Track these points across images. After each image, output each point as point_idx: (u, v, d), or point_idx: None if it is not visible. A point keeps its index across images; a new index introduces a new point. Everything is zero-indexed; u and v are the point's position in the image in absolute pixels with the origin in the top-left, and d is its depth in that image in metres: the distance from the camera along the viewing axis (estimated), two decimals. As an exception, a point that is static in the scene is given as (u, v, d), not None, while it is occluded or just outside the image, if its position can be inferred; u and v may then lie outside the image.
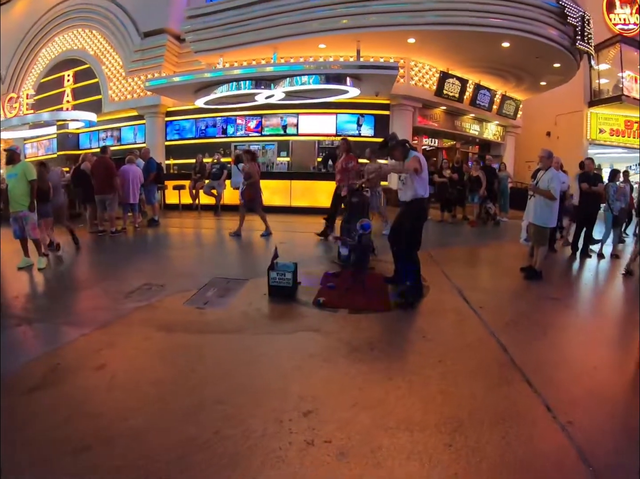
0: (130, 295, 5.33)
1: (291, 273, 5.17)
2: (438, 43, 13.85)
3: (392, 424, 2.71)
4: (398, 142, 5.35)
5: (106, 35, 18.98)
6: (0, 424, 2.66)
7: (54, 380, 3.28)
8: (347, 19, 13.20)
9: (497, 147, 20.77)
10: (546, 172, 6.48)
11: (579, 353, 4.11)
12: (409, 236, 5.25)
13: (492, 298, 5.56)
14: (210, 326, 4.38)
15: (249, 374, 3.38)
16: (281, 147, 16.61)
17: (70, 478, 2.25)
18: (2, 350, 3.77)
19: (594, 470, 2.34)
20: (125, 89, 18.46)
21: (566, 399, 3.09)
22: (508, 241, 9.82)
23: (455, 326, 4.53)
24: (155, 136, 17.82)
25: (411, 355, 3.92)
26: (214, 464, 2.35)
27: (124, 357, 3.77)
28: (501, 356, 3.79)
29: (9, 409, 2.84)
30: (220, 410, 2.85)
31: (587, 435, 2.65)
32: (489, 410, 2.91)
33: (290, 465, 2.34)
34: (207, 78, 14.61)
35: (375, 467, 2.33)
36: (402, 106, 15.90)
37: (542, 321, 4.82)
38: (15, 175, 6.70)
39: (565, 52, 14.24)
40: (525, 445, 2.57)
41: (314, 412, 2.83)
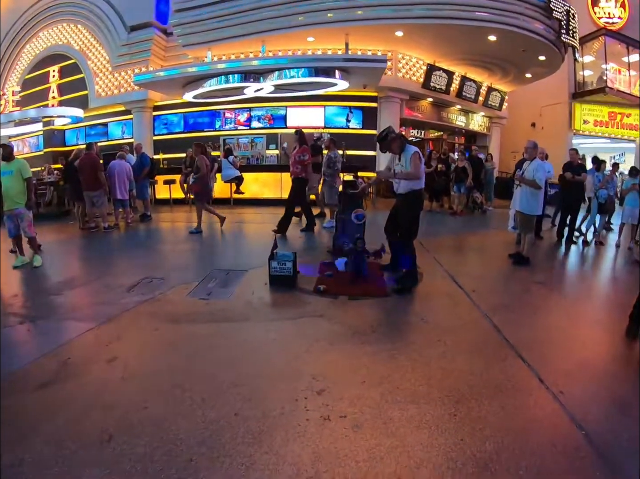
0: (132, 289, 5.41)
1: (291, 262, 5.35)
2: (425, 36, 14.01)
3: (399, 398, 2.92)
4: (396, 135, 5.55)
5: (92, 29, 18.81)
6: (13, 421, 2.72)
7: (67, 374, 3.33)
8: (335, 13, 13.27)
9: (483, 137, 21.05)
10: (531, 162, 6.72)
11: (567, 331, 4.35)
12: (406, 226, 5.46)
13: (483, 283, 5.81)
14: (217, 315, 4.51)
15: (261, 358, 3.56)
16: (270, 140, 16.70)
17: (98, 468, 2.30)
18: (8, 347, 3.82)
19: (586, 433, 2.58)
20: (112, 84, 18.34)
21: (557, 372, 3.34)
22: (495, 229, 10.10)
23: (451, 309, 4.78)
24: (143, 131, 17.77)
25: (411, 336, 4.14)
26: (239, 442, 2.49)
27: (134, 349, 3.86)
28: (495, 335, 4.05)
29: (22, 406, 2.91)
30: (237, 393, 3.00)
31: (578, 403, 2.89)
32: (487, 384, 3.13)
33: (311, 439, 2.52)
34: (193, 72, 14.64)
35: (389, 436, 2.54)
36: (389, 98, 16.06)
37: (531, 303, 5.10)
38: (11, 172, 6.60)
39: (551, 45, 14.46)
40: (523, 413, 2.82)
41: (327, 390, 3.02)
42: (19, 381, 3.26)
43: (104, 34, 18.22)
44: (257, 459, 2.36)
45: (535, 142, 6.93)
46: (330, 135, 15.40)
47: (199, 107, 17.09)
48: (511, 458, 2.37)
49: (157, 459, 2.36)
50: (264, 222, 9.90)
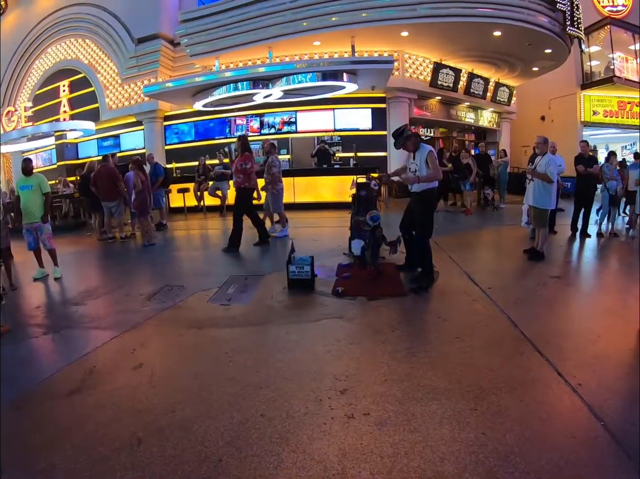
0: (153, 297, 5.53)
1: (309, 266, 5.44)
2: (430, 35, 14.02)
3: (421, 395, 2.99)
4: (412, 134, 5.62)
5: (99, 43, 19.03)
6: (43, 428, 2.83)
7: (94, 382, 3.42)
8: (339, 16, 13.34)
9: (493, 133, 20.96)
10: (543, 156, 6.75)
11: (583, 324, 4.39)
12: (422, 224, 5.53)
13: (498, 279, 5.85)
14: (238, 320, 4.61)
15: (284, 360, 3.63)
16: (281, 145, 16.78)
17: (130, 471, 2.37)
18: (35, 358, 3.97)
19: (605, 424, 2.62)
20: (122, 96, 18.53)
21: (575, 365, 3.37)
22: (509, 225, 10.09)
23: (468, 306, 4.82)
24: (155, 141, 17.94)
25: (430, 333, 4.20)
26: (266, 442, 2.57)
27: (159, 355, 3.96)
28: (512, 331, 4.10)
29: (52, 414, 3.01)
30: (262, 395, 3.08)
31: (595, 395, 2.93)
32: (505, 378, 3.19)
33: (336, 437, 2.60)
34: (201, 82, 14.77)
35: (412, 432, 2.61)
36: (398, 98, 16.09)
37: (547, 298, 5.13)
38: (30, 187, 6.81)
39: (556, 38, 14.41)
40: (542, 406, 2.87)
41: (350, 389, 3.10)
42: (48, 389, 3.37)
43: (112, 47, 18.44)
44: (285, 457, 2.43)
45: (546, 137, 6.95)
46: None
47: (209, 115, 17.25)
48: (532, 450, 2.42)
49: (186, 460, 2.44)
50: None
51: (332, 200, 13.07)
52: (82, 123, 18.65)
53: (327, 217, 11.62)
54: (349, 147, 15.09)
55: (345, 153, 15.49)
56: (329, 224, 10.83)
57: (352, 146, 14.53)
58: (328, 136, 16.06)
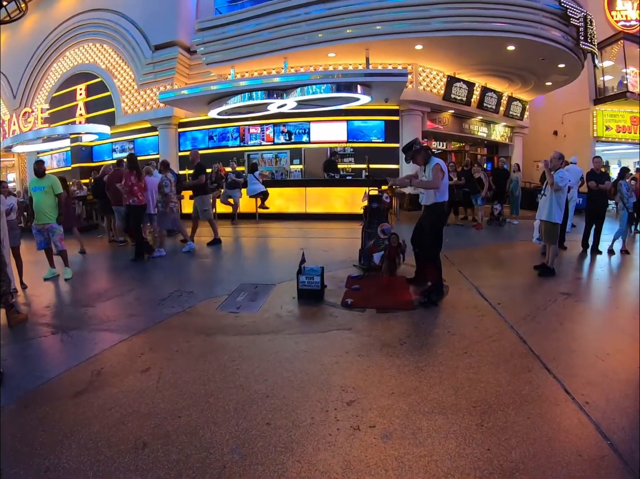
0: (163, 302, 5.57)
1: (319, 277, 5.46)
2: (444, 49, 14.09)
3: (427, 409, 2.99)
4: (422, 147, 5.65)
5: (117, 49, 19.31)
6: (49, 427, 2.87)
7: (101, 383, 3.45)
8: (354, 28, 13.45)
9: (505, 147, 20.94)
10: (556, 172, 6.73)
11: (592, 342, 4.37)
12: (431, 238, 5.54)
13: (508, 295, 5.82)
14: (247, 328, 4.64)
15: (292, 369, 3.65)
16: (294, 155, 16.92)
17: (134, 474, 2.40)
18: (42, 357, 4.02)
19: (612, 443, 2.61)
20: (137, 102, 18.77)
21: (583, 383, 3.36)
22: (520, 241, 10.03)
23: (477, 321, 4.81)
24: (169, 147, 18.13)
25: (438, 348, 4.19)
26: (271, 451, 2.58)
27: (167, 360, 3.96)
28: (521, 347, 4.08)
29: (58, 414, 3.04)
30: (269, 403, 3.10)
31: (603, 413, 2.91)
32: (513, 394, 3.18)
33: (341, 448, 2.60)
34: (216, 90, 14.94)
35: (417, 446, 2.61)
36: (411, 111, 16.12)
37: (556, 315, 5.08)
38: (43, 188, 6.91)
39: (570, 52, 14.40)
40: (549, 423, 2.85)
41: (356, 401, 3.10)
42: (55, 389, 3.42)
43: (129, 53, 18.69)
44: (289, 467, 2.44)
45: (561, 154, 6.95)
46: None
47: (223, 123, 17.43)
48: (537, 468, 2.42)
49: (190, 466, 2.47)
50: (290, 237, 10.01)
51: (344, 212, 13.13)
52: (97, 127, 18.91)
53: (338, 228, 11.64)
54: (362, 158, 15.16)
55: (357, 164, 15.55)
56: (340, 235, 10.85)
57: (365, 158, 14.60)
58: (341, 147, 16.13)
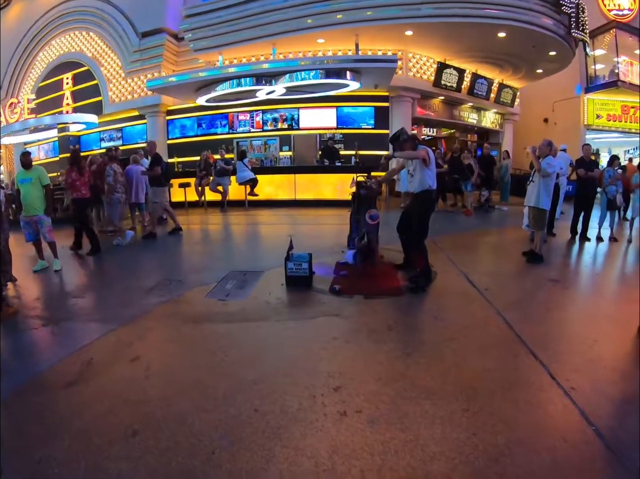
0: (152, 290, 5.54)
1: (307, 263, 5.45)
2: (435, 35, 14.03)
3: (414, 395, 3.01)
4: (409, 136, 5.64)
5: (103, 36, 19.07)
6: (41, 419, 2.86)
7: (91, 373, 3.44)
8: (344, 14, 13.35)
9: (496, 134, 20.97)
10: (544, 158, 6.75)
11: (579, 329, 4.39)
12: (418, 225, 5.53)
13: (496, 281, 5.84)
14: (235, 316, 4.63)
15: (279, 356, 3.66)
16: (283, 142, 16.82)
17: (125, 461, 2.40)
18: (33, 349, 4.00)
19: (597, 428, 2.63)
20: (125, 90, 18.58)
21: (569, 369, 3.37)
22: (509, 227, 10.08)
23: (464, 308, 4.83)
24: (157, 135, 17.88)
25: (425, 334, 4.22)
26: (259, 437, 2.59)
27: (156, 348, 3.98)
28: (507, 333, 4.10)
29: (50, 405, 3.03)
30: (257, 390, 3.10)
31: (589, 399, 2.93)
32: (499, 380, 3.20)
33: (328, 433, 2.62)
34: (204, 77, 14.79)
35: (404, 431, 2.62)
36: (401, 97, 16.08)
37: (544, 301, 5.12)
38: (30, 180, 6.79)
39: (561, 40, 14.40)
40: (534, 408, 2.88)
41: (343, 387, 3.11)
42: (45, 380, 3.40)
43: (115, 41, 18.47)
44: (277, 452, 2.45)
45: (550, 141, 6.96)
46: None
47: (211, 110, 17.26)
48: (522, 453, 2.43)
49: (180, 452, 2.48)
50: (279, 224, 9.97)
51: (333, 198, 13.10)
52: (85, 116, 18.73)
53: (327, 215, 11.62)
54: (351, 145, 15.11)
55: (347, 151, 15.48)
56: (329, 222, 10.82)
57: (354, 144, 14.55)
58: (330, 133, 16.06)
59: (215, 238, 9.61)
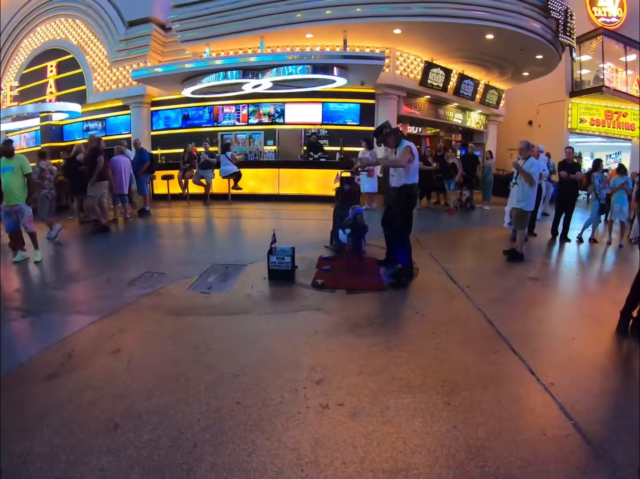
0: (133, 283, 5.50)
1: (290, 257, 5.46)
2: (423, 34, 14.01)
3: (395, 388, 3.04)
4: (392, 130, 5.66)
5: (90, 24, 18.66)
6: (21, 412, 2.81)
7: (72, 366, 3.41)
8: (333, 10, 13.27)
9: (480, 135, 21.07)
10: (526, 160, 6.82)
11: (558, 326, 4.50)
12: (400, 220, 5.57)
13: (477, 278, 5.92)
14: (217, 309, 4.62)
15: (261, 349, 3.66)
16: (268, 136, 16.73)
17: (106, 455, 2.38)
18: (13, 341, 3.91)
19: (575, 423, 2.69)
20: (110, 79, 18.22)
21: (548, 364, 3.45)
22: (491, 226, 10.18)
23: (445, 304, 4.90)
24: (141, 126, 17.65)
25: (407, 328, 4.26)
26: (241, 429, 2.60)
27: (138, 341, 3.95)
28: (488, 329, 4.17)
29: (30, 398, 2.99)
30: (238, 383, 3.11)
31: (567, 394, 3.00)
32: (479, 375, 3.25)
33: (310, 426, 2.64)
34: (190, 68, 14.58)
35: (385, 424, 2.65)
36: (387, 95, 16.04)
37: (524, 299, 5.23)
38: (12, 168, 6.67)
39: (548, 44, 14.50)
40: (514, 402, 2.94)
41: (325, 380, 3.13)
42: (25, 373, 3.34)
43: (102, 29, 18.11)
44: (259, 445, 2.46)
45: (528, 142, 7.05)
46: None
47: (197, 102, 17.04)
48: (502, 445, 2.48)
49: (162, 445, 2.46)
50: (262, 218, 9.93)
51: (317, 193, 13.10)
52: (68, 105, 18.36)
53: (311, 210, 11.62)
54: (336, 141, 15.10)
55: (331, 147, 15.46)
56: (312, 217, 10.84)
57: (339, 140, 14.55)
58: (315, 129, 16.03)
59: (197, 232, 9.55)
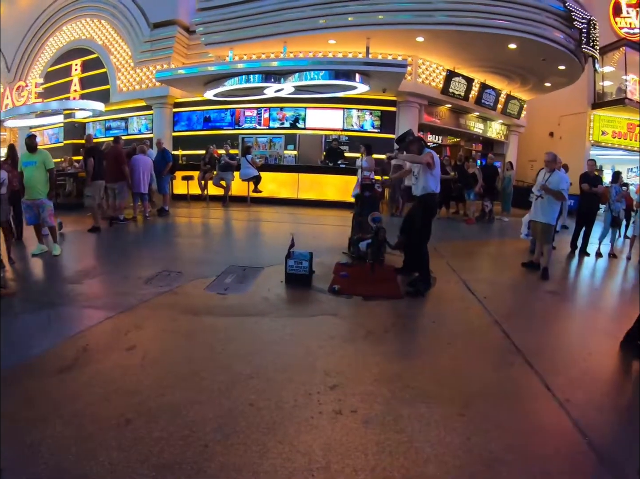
0: (150, 281, 5.54)
1: (307, 262, 5.46)
2: (446, 42, 13.97)
3: (409, 397, 3.02)
4: (415, 137, 5.65)
5: (115, 25, 18.98)
6: (34, 403, 2.84)
7: (86, 360, 3.42)
8: (356, 17, 13.28)
9: (500, 145, 20.92)
10: (552, 174, 6.69)
11: (575, 340, 4.43)
12: (420, 228, 5.55)
13: (495, 290, 5.87)
14: (234, 310, 4.64)
15: (276, 352, 3.66)
16: (288, 140, 16.81)
17: (116, 450, 2.38)
18: (28, 333, 3.96)
19: (589, 440, 2.64)
20: (133, 79, 18.48)
21: (564, 380, 3.39)
22: (509, 238, 10.11)
23: (462, 314, 4.86)
24: (163, 127, 17.89)
25: (422, 337, 4.24)
26: (253, 431, 2.59)
27: (153, 338, 3.97)
28: (504, 341, 4.12)
29: (43, 389, 3.01)
30: (252, 385, 3.10)
31: (582, 411, 2.95)
32: (494, 387, 3.22)
33: (323, 431, 2.62)
34: (213, 71, 14.72)
35: (398, 433, 2.63)
36: (408, 103, 16.02)
37: (541, 312, 5.17)
38: (35, 163, 6.80)
39: (571, 55, 14.36)
40: (528, 417, 2.90)
41: (339, 386, 3.12)
42: (40, 365, 3.37)
43: (127, 30, 18.40)
44: (271, 447, 2.45)
45: (555, 154, 6.92)
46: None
47: (219, 105, 17.19)
48: (516, 460, 2.45)
49: (173, 443, 2.46)
50: (281, 221, 9.95)
51: (336, 199, 13.12)
52: (91, 104, 18.59)
53: (329, 216, 11.64)
54: (356, 147, 15.10)
55: (352, 153, 15.47)
56: (331, 222, 10.85)
57: (360, 147, 14.55)
58: (336, 135, 16.06)
59: (215, 232, 9.61)
